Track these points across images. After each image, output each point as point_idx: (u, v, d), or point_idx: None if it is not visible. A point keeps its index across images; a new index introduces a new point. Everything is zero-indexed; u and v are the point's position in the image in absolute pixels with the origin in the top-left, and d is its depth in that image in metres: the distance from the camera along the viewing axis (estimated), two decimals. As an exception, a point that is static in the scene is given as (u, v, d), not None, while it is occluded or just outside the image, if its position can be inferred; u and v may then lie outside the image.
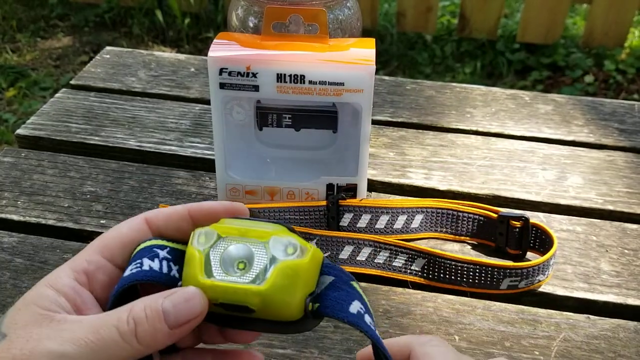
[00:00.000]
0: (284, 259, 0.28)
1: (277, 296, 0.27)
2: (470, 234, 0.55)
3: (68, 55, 2.18)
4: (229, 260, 0.28)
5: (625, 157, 0.66)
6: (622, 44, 2.04)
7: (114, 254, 0.30)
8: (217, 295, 0.27)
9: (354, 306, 0.29)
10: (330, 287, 0.29)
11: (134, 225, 0.31)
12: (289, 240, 0.29)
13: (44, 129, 0.68)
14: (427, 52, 2.15)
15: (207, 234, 0.29)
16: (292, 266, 0.28)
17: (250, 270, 0.28)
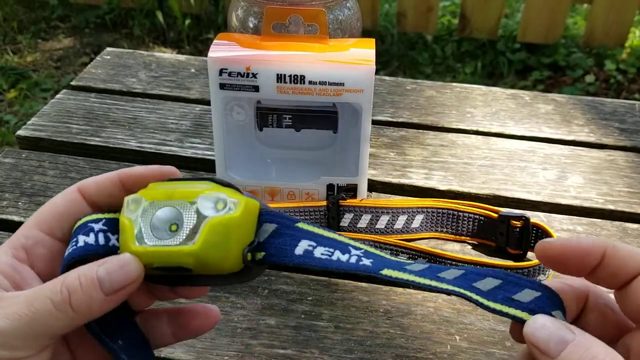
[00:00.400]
0: (213, 216, 0.28)
1: (210, 253, 0.27)
2: (471, 234, 0.55)
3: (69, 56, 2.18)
4: (159, 225, 0.28)
5: (626, 157, 0.66)
6: (622, 43, 2.04)
7: (51, 227, 0.30)
8: (152, 260, 0.28)
9: (300, 247, 0.29)
10: (273, 234, 0.29)
11: (67, 195, 0.30)
12: (217, 196, 0.28)
13: (45, 130, 0.68)
14: (427, 52, 2.15)
15: (136, 201, 0.29)
16: (223, 221, 0.28)
17: (181, 232, 0.28)
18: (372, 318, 0.47)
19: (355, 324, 0.47)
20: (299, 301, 0.49)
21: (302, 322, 0.47)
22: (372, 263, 0.28)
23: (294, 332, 0.46)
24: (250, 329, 0.46)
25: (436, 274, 0.28)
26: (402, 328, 0.47)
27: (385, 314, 0.48)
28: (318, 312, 0.48)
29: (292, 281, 0.50)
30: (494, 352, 0.45)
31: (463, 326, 0.47)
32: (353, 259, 0.28)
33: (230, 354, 0.44)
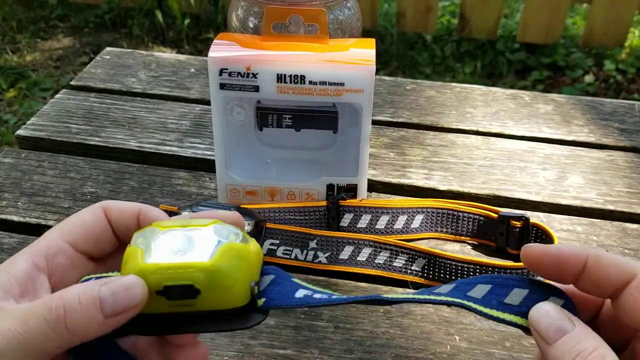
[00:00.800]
0: (228, 241, 0.28)
1: (223, 273, 0.27)
2: (471, 234, 0.55)
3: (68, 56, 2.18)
4: (172, 248, 0.27)
5: (626, 157, 0.66)
6: (622, 43, 2.04)
7: (76, 239, 0.30)
8: (161, 276, 0.26)
9: (300, 292, 0.29)
10: (271, 284, 0.29)
11: (94, 213, 0.31)
12: (231, 229, 0.29)
13: (44, 130, 0.68)
14: (427, 52, 2.15)
15: (146, 232, 0.29)
16: (237, 247, 0.28)
17: (194, 250, 0.27)
18: (371, 318, 0.47)
19: (355, 324, 0.47)
20: (298, 301, 0.49)
21: (302, 322, 0.47)
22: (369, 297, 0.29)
23: (294, 332, 0.46)
24: (250, 329, 0.46)
25: (432, 291, 0.28)
26: (402, 328, 0.47)
27: (385, 314, 0.48)
28: (318, 312, 0.48)
29: (292, 281, 0.50)
30: (494, 352, 0.45)
31: (463, 326, 0.47)
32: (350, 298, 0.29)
33: (230, 354, 0.44)
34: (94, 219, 0.31)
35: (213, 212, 0.31)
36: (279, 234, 0.51)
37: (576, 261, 0.27)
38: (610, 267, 0.27)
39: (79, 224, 0.31)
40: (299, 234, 0.51)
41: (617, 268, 0.27)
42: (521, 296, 0.27)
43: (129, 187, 0.60)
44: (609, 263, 0.27)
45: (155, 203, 0.58)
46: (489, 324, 0.47)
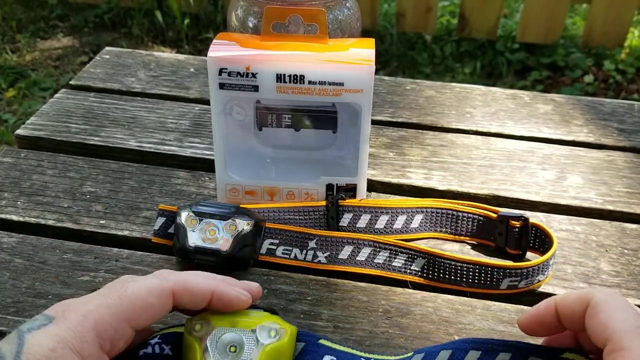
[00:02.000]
0: (269, 343, 0.35)
1: None
2: (470, 234, 0.55)
3: (68, 55, 2.18)
4: (223, 347, 0.34)
5: (625, 157, 0.67)
6: (621, 43, 2.04)
7: (139, 324, 0.31)
8: None
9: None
10: (302, 352, 0.37)
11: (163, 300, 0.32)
12: (271, 325, 0.35)
13: (44, 130, 0.68)
14: (426, 52, 2.15)
15: (203, 324, 0.35)
16: (276, 347, 0.35)
17: (242, 355, 0.34)
18: (371, 318, 0.47)
19: (354, 324, 0.47)
20: (298, 301, 0.49)
21: (302, 321, 0.47)
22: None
23: (293, 332, 0.46)
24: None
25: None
26: (401, 328, 0.47)
27: (384, 313, 0.48)
28: (317, 312, 0.48)
29: (291, 281, 0.50)
30: (493, 352, 0.45)
31: (462, 326, 0.47)
32: None
33: (229, 353, 0.44)
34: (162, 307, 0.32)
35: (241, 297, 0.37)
36: (279, 234, 0.51)
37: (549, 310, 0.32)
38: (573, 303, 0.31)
39: (146, 310, 0.31)
40: (298, 233, 0.51)
41: (578, 300, 0.30)
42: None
43: (129, 186, 0.60)
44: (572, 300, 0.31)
45: (155, 203, 0.58)
46: (488, 324, 0.47)
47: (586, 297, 0.30)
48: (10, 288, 0.49)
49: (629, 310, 0.29)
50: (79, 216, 0.56)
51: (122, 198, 0.59)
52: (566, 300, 0.31)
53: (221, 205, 0.51)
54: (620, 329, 0.28)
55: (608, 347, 0.28)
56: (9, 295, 0.48)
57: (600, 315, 0.29)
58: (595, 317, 0.29)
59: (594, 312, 0.30)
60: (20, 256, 0.52)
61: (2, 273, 0.50)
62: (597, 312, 0.29)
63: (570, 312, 0.31)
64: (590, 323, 0.29)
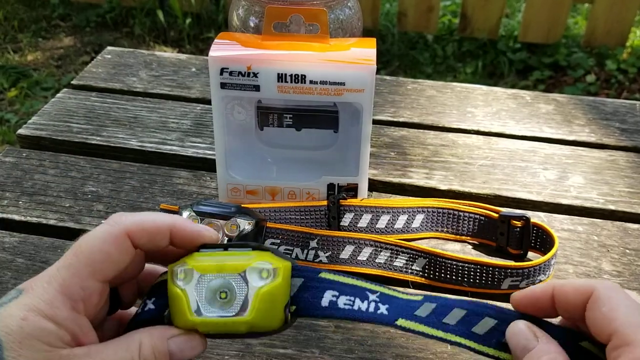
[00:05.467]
0: (261, 285, 0.31)
1: (261, 320, 0.31)
2: (471, 234, 0.55)
3: (69, 55, 2.18)
4: (212, 295, 0.31)
5: (627, 157, 0.66)
6: (623, 43, 2.04)
7: (105, 276, 0.30)
8: (209, 329, 0.31)
9: (325, 298, 0.32)
10: (301, 288, 0.33)
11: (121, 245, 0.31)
12: (262, 265, 0.32)
13: (46, 129, 0.68)
14: (428, 52, 2.15)
15: (186, 273, 0.32)
16: (270, 290, 0.31)
17: (234, 302, 0.31)
18: (372, 318, 0.47)
19: (355, 324, 0.47)
20: (299, 301, 0.49)
21: (303, 321, 0.47)
22: (388, 310, 0.32)
23: (295, 331, 0.46)
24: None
25: (442, 320, 0.31)
26: (403, 328, 0.47)
27: (385, 313, 0.48)
28: (318, 312, 0.48)
29: (292, 281, 0.50)
30: (495, 352, 0.45)
31: (463, 326, 0.47)
32: (372, 307, 0.32)
33: (230, 353, 0.44)
34: (122, 254, 0.31)
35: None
36: (280, 234, 0.51)
37: (546, 295, 0.31)
38: (570, 293, 0.30)
39: (107, 261, 0.30)
40: (299, 233, 0.51)
41: (577, 290, 0.30)
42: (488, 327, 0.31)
43: (130, 186, 0.60)
44: (570, 289, 0.30)
45: (156, 202, 0.58)
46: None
47: (587, 288, 0.30)
48: (12, 287, 0.48)
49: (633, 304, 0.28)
50: (80, 216, 0.56)
51: (124, 198, 0.59)
52: (565, 289, 0.30)
53: (222, 204, 0.51)
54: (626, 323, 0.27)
55: (613, 342, 0.28)
56: (11, 294, 0.48)
57: (603, 309, 0.28)
58: (597, 310, 0.29)
59: (596, 305, 0.29)
60: (22, 256, 0.52)
61: (3, 272, 0.50)
62: (599, 305, 0.29)
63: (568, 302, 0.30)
64: (592, 316, 0.29)
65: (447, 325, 0.31)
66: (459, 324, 0.31)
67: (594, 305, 0.29)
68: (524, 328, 0.30)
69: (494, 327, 0.31)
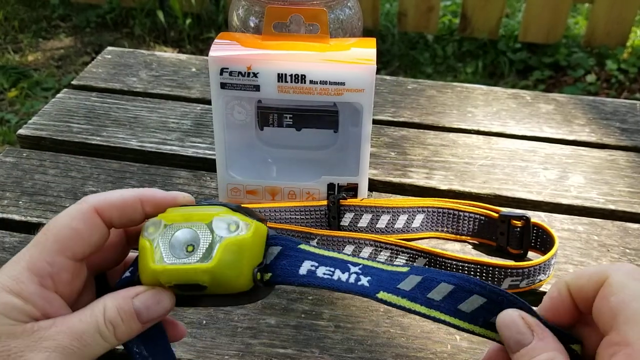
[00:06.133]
0: (227, 236, 0.30)
1: (225, 271, 0.29)
2: (472, 234, 0.55)
3: (70, 55, 2.18)
4: (177, 245, 0.30)
5: (627, 157, 0.66)
6: (624, 43, 2.04)
7: (75, 253, 0.30)
8: (170, 278, 0.30)
9: (304, 267, 0.31)
10: (278, 256, 0.31)
11: (88, 220, 0.31)
12: (230, 218, 0.31)
13: (46, 129, 0.68)
14: (428, 52, 2.15)
15: (155, 224, 0.31)
16: (236, 242, 0.30)
17: (197, 251, 0.30)
18: (372, 317, 0.47)
19: (355, 324, 0.47)
20: (299, 300, 0.49)
21: (303, 321, 0.47)
22: (369, 282, 0.30)
23: (294, 331, 0.46)
24: (250, 328, 0.46)
25: (426, 295, 0.29)
26: (403, 327, 0.47)
27: (385, 313, 0.48)
28: (318, 312, 0.48)
29: (292, 280, 0.50)
30: (495, 352, 0.45)
31: (463, 326, 0.47)
32: (352, 278, 0.30)
33: (230, 353, 0.44)
34: (90, 228, 0.30)
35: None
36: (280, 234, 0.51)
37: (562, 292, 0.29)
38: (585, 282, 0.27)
39: (75, 237, 0.30)
40: (299, 233, 0.51)
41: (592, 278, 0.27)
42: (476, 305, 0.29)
43: (130, 186, 0.60)
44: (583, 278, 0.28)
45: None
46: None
47: (602, 274, 0.26)
48: (12, 287, 0.49)
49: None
50: (80, 216, 0.56)
51: (124, 198, 0.59)
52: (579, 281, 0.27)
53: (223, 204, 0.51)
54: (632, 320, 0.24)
55: (610, 336, 0.25)
56: (11, 294, 0.48)
57: (612, 299, 0.25)
58: (606, 299, 0.26)
59: (606, 293, 0.26)
60: (22, 256, 0.52)
61: (4, 272, 0.50)
62: (609, 294, 0.26)
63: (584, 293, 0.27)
64: (599, 305, 0.26)
65: (431, 301, 0.29)
66: (444, 300, 0.29)
67: (603, 292, 0.26)
68: (518, 320, 0.27)
69: (482, 305, 0.29)
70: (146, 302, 0.30)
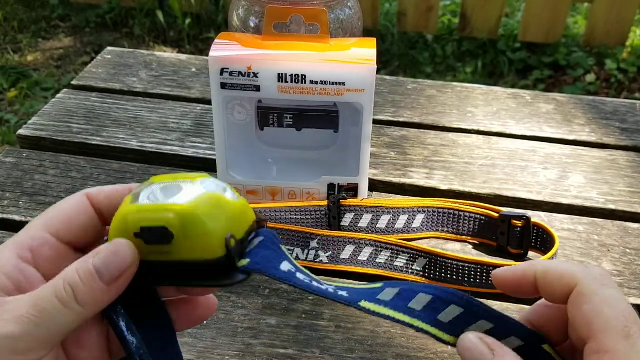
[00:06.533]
0: (212, 191, 0.28)
1: (196, 219, 0.27)
2: (472, 234, 0.55)
3: (69, 55, 2.18)
4: (158, 195, 0.28)
5: (627, 157, 0.66)
6: (623, 42, 2.04)
7: (59, 230, 0.30)
8: (138, 216, 0.27)
9: (284, 265, 0.29)
10: (259, 245, 0.29)
11: (76, 202, 0.31)
12: (221, 184, 0.29)
13: (46, 130, 0.68)
14: (428, 52, 2.15)
15: (141, 185, 0.29)
16: (217, 197, 0.28)
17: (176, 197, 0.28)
18: (372, 318, 0.47)
19: (356, 324, 0.47)
20: (299, 301, 0.49)
21: (303, 321, 0.47)
22: (348, 294, 0.29)
23: (295, 331, 0.46)
24: (251, 329, 0.46)
25: (407, 305, 0.29)
26: (403, 327, 0.46)
27: (386, 313, 0.48)
28: (319, 312, 0.48)
29: (293, 281, 0.50)
30: (495, 352, 0.45)
31: (464, 326, 0.47)
32: (330, 289, 0.29)
33: (231, 353, 0.44)
34: (77, 208, 0.30)
35: None
36: (280, 234, 0.51)
37: (528, 278, 0.29)
38: (554, 281, 0.28)
39: (61, 215, 0.30)
40: (300, 233, 0.51)
41: (561, 280, 0.28)
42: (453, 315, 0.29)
43: (130, 186, 0.60)
44: (553, 278, 0.28)
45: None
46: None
47: (571, 279, 0.27)
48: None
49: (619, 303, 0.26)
50: (80, 216, 0.56)
51: (124, 198, 0.59)
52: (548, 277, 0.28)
53: None
54: (606, 327, 0.26)
55: (590, 345, 0.26)
56: (11, 295, 0.48)
57: (584, 307, 0.26)
58: (579, 308, 0.27)
59: (578, 301, 0.27)
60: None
61: (4, 273, 0.50)
62: (582, 302, 0.26)
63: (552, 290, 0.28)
64: (574, 313, 0.27)
65: (413, 311, 0.29)
66: (424, 310, 0.29)
67: (576, 301, 0.27)
68: (477, 342, 0.28)
69: (459, 316, 0.29)
70: (105, 260, 0.27)
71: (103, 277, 0.27)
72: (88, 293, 0.27)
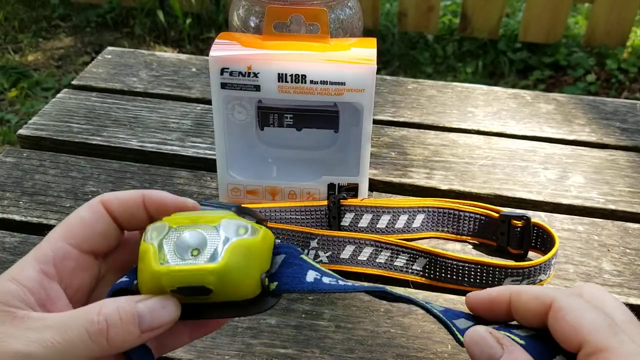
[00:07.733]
0: (236, 238, 0.28)
1: (233, 273, 0.28)
2: (472, 234, 0.55)
3: (70, 55, 2.18)
4: (183, 247, 0.28)
5: (627, 157, 0.66)
6: (624, 43, 2.04)
7: (79, 240, 0.30)
8: (174, 280, 0.28)
9: (310, 275, 0.30)
10: (283, 264, 0.30)
11: (93, 209, 0.31)
12: (239, 222, 0.29)
13: (46, 129, 0.68)
14: (428, 52, 2.15)
15: (158, 228, 0.29)
16: (245, 244, 0.28)
17: (204, 253, 0.28)
18: (372, 317, 0.47)
19: (356, 324, 0.47)
20: (299, 300, 0.49)
21: (303, 321, 0.47)
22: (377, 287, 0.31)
23: (295, 331, 0.46)
24: (251, 329, 0.46)
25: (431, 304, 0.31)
26: (403, 327, 0.47)
27: (386, 313, 0.48)
28: (319, 312, 0.48)
29: (293, 281, 0.50)
30: (495, 352, 0.45)
31: (464, 326, 0.47)
32: (357, 284, 0.30)
33: (231, 353, 0.44)
34: (94, 216, 0.31)
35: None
36: (280, 234, 0.51)
37: (502, 300, 0.30)
38: (530, 301, 0.29)
39: (79, 224, 0.30)
40: (300, 233, 0.51)
41: (536, 299, 0.29)
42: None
43: (130, 186, 0.60)
44: (528, 297, 0.29)
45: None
46: (490, 324, 0.47)
47: (545, 298, 0.29)
48: (12, 288, 0.49)
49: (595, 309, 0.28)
50: (81, 216, 0.56)
51: (124, 198, 0.59)
52: (522, 298, 0.29)
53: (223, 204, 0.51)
54: (594, 329, 0.27)
55: (584, 350, 0.27)
56: (11, 294, 0.48)
57: (568, 318, 0.27)
58: (562, 320, 0.28)
59: (559, 315, 0.28)
60: (23, 256, 0.52)
61: (4, 273, 0.50)
62: (563, 315, 0.28)
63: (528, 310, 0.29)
64: (558, 326, 0.28)
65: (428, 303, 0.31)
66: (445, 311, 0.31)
67: (557, 315, 0.28)
68: (486, 335, 0.28)
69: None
70: (151, 306, 0.28)
71: (143, 325, 0.27)
72: (121, 334, 0.27)
